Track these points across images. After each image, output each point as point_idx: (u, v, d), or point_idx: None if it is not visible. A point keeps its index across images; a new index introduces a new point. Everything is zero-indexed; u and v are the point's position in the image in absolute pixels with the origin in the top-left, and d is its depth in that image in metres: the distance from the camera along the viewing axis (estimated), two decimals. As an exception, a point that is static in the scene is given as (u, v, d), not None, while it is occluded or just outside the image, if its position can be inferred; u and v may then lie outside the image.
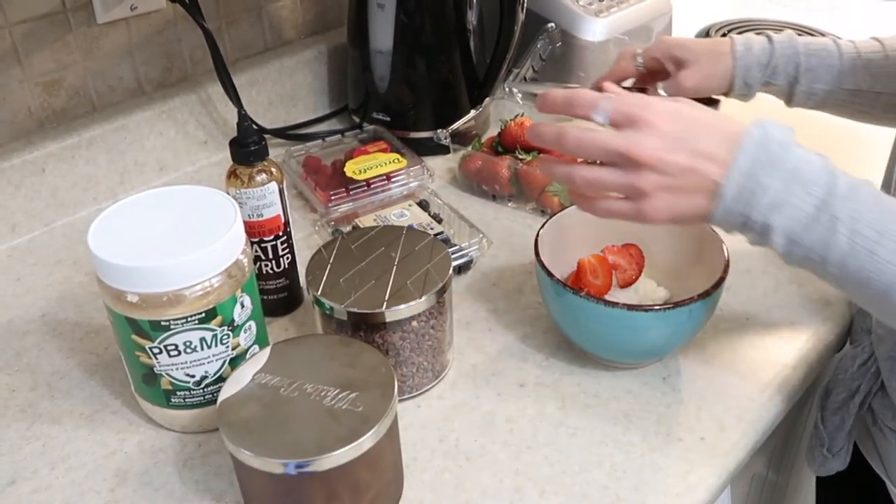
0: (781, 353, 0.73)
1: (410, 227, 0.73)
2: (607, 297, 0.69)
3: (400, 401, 0.68)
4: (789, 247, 0.53)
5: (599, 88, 0.64)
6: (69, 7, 0.88)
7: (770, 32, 0.82)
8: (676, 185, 0.54)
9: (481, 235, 0.83)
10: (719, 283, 0.66)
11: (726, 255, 0.68)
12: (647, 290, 0.75)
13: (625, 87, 0.84)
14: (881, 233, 0.51)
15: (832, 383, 0.73)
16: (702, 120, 0.55)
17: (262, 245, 0.73)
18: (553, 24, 1.08)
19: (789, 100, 0.82)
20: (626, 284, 0.74)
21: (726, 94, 0.83)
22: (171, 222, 0.61)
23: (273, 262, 0.74)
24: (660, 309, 0.64)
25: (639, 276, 0.75)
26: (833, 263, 0.53)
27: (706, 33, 1.40)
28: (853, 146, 1.01)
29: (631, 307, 0.64)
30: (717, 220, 0.56)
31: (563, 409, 0.67)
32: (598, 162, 0.57)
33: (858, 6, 1.52)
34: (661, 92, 0.82)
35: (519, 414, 0.67)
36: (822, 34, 1.39)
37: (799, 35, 0.81)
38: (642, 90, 0.86)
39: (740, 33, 1.40)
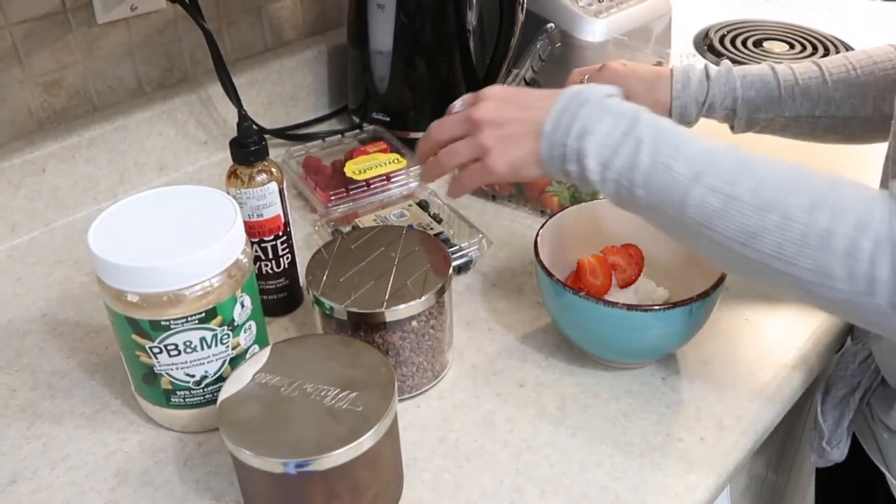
0: (781, 353, 0.73)
1: (410, 227, 0.73)
2: (607, 298, 0.69)
3: (400, 401, 0.68)
4: (602, 172, 0.58)
5: None
6: (69, 7, 0.88)
7: (710, 65, 0.83)
8: (509, 133, 0.62)
9: (481, 235, 0.83)
10: (718, 283, 0.66)
11: (726, 255, 0.68)
12: (647, 290, 0.75)
13: None
14: (677, 149, 0.56)
15: (833, 379, 0.74)
16: (534, 90, 0.65)
17: (262, 245, 0.73)
18: (553, 25, 1.08)
19: (731, 128, 0.84)
20: (625, 284, 0.74)
21: None
22: (171, 222, 0.61)
23: (273, 262, 0.74)
24: (659, 309, 0.64)
25: (638, 276, 0.75)
26: (639, 184, 0.57)
27: (705, 34, 1.41)
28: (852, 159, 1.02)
29: (630, 307, 0.64)
30: (545, 160, 0.61)
31: (562, 409, 0.68)
32: None
33: (858, 6, 1.52)
34: None
35: (519, 414, 0.67)
36: (822, 35, 1.39)
37: (742, 63, 0.85)
38: None
39: (739, 35, 1.41)
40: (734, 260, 0.56)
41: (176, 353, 0.60)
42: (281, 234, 0.73)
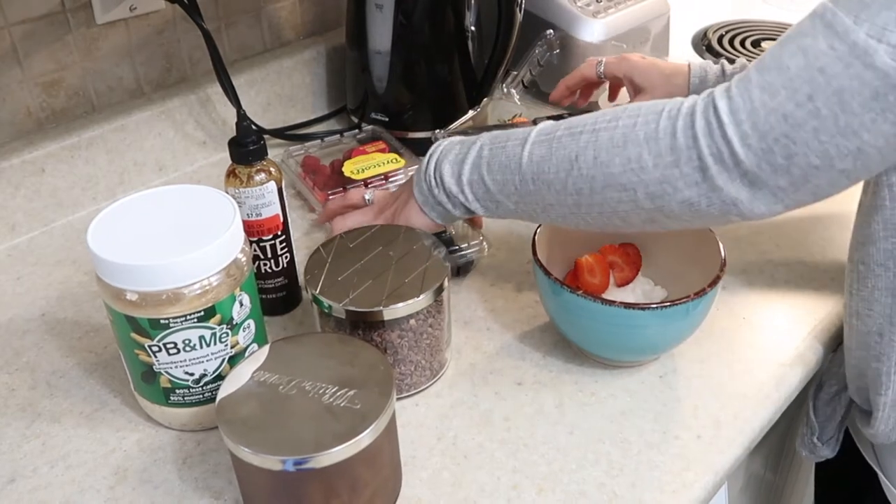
0: (778, 351, 0.73)
1: (408, 228, 0.73)
2: (604, 296, 0.69)
3: (398, 399, 0.68)
4: (458, 183, 0.68)
5: (565, 87, 0.92)
6: (68, 8, 0.88)
7: (726, 62, 0.83)
8: (400, 202, 0.75)
9: (481, 238, 0.83)
10: (715, 281, 0.66)
11: (723, 254, 0.69)
12: (645, 289, 0.75)
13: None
14: (508, 136, 0.66)
15: (826, 376, 0.74)
16: None
17: (261, 244, 0.73)
18: (552, 32, 1.09)
19: None
20: (623, 283, 0.75)
21: None
22: (170, 221, 0.61)
23: (272, 261, 0.74)
24: (657, 307, 0.64)
25: (636, 275, 0.75)
26: (486, 174, 0.66)
27: (703, 34, 1.41)
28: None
29: (628, 305, 0.64)
30: (422, 203, 0.72)
31: (560, 407, 0.68)
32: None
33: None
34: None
35: (516, 412, 0.67)
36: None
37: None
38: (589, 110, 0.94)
39: (737, 35, 1.41)
40: (569, 194, 0.62)
41: (175, 351, 0.60)
42: (280, 233, 0.73)
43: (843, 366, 0.72)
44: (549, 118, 0.93)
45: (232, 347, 0.63)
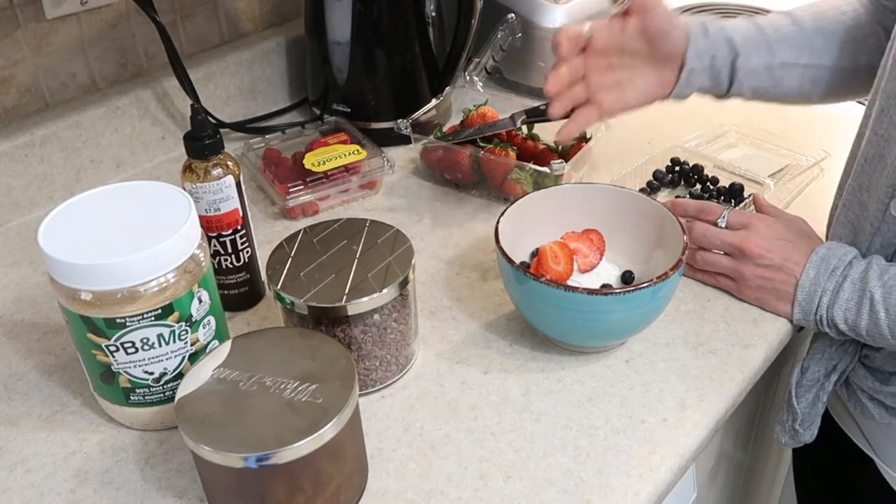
0: (742, 333, 0.74)
1: (373, 221, 0.72)
2: (568, 283, 0.69)
3: (364, 393, 0.67)
4: (854, 330, 0.68)
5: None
6: (16, 2, 0.86)
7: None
8: (769, 278, 0.73)
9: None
10: (678, 265, 0.66)
11: (685, 237, 0.69)
12: (609, 274, 0.75)
13: None
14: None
15: (808, 362, 0.75)
16: (789, 231, 0.75)
17: (221, 239, 0.72)
18: (513, 15, 1.08)
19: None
20: (587, 269, 0.74)
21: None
22: (124, 218, 0.60)
23: (233, 256, 0.73)
24: (620, 292, 0.64)
25: (600, 260, 0.75)
26: (886, 331, 0.66)
27: (666, 19, 1.41)
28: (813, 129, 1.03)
29: (591, 291, 0.64)
30: (796, 316, 0.72)
31: (526, 394, 0.68)
32: None
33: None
34: None
35: (483, 401, 0.67)
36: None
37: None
38: None
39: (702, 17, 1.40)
40: None
41: (133, 350, 0.59)
42: (239, 227, 0.72)
43: (825, 352, 0.73)
44: (525, 111, 0.92)
45: (192, 345, 0.62)
